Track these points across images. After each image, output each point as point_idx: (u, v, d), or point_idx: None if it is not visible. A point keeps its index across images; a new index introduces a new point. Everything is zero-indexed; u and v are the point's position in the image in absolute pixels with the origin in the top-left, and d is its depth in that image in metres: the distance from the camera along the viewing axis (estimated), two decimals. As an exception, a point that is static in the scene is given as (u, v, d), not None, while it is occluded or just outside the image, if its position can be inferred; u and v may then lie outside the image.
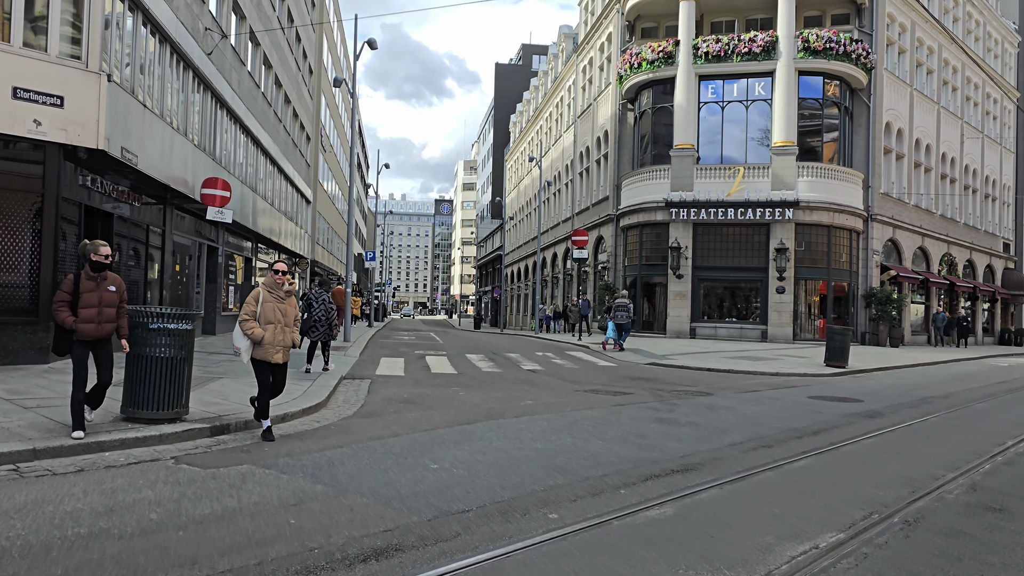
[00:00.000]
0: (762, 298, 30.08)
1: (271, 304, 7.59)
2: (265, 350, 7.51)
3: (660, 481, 6.64)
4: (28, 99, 10.66)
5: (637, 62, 32.53)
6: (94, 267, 7.09)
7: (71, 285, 7.00)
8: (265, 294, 7.62)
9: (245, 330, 7.43)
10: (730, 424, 9.92)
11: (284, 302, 7.72)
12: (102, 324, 7.05)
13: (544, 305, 40.13)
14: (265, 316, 7.52)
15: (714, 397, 12.87)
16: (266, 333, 7.47)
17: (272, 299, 7.62)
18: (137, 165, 13.05)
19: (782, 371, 17.87)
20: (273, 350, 7.55)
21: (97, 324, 7.01)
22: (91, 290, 7.00)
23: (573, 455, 7.56)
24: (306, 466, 6.60)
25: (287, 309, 7.74)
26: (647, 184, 31.97)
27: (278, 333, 7.57)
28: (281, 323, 7.61)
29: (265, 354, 7.52)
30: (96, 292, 7.03)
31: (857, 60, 30.13)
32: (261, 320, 7.51)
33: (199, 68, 17.31)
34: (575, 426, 9.33)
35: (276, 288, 7.71)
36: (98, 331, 7.04)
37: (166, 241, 17.28)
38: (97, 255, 7.08)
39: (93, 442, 6.66)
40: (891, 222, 32.95)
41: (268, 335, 7.48)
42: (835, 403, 12.52)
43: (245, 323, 7.45)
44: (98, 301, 7.03)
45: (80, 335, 6.95)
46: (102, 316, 7.05)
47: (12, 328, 11.06)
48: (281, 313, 7.63)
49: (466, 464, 6.95)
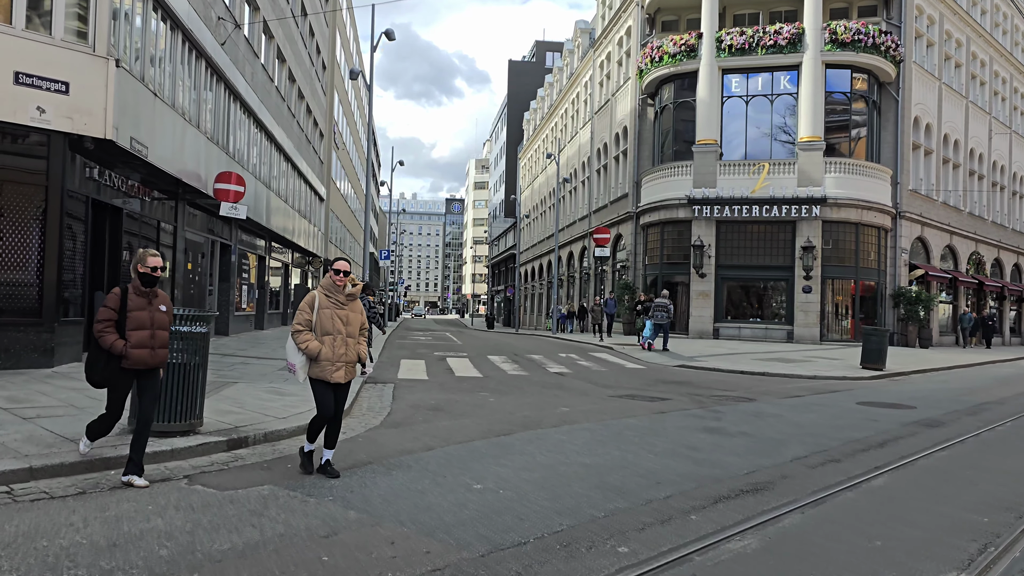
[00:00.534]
0: (788, 298, 29.22)
1: (329, 311, 6.24)
2: (323, 367, 6.16)
3: (731, 504, 5.90)
4: (31, 85, 9.98)
5: (658, 56, 31.71)
6: (144, 281, 5.88)
7: (118, 301, 5.79)
8: (322, 299, 6.27)
9: (298, 343, 6.14)
10: (785, 434, 9.17)
11: (346, 308, 6.33)
12: (156, 350, 5.89)
13: (560, 305, 39.33)
14: (322, 326, 6.19)
15: (757, 403, 12.11)
16: (323, 346, 6.16)
17: (330, 305, 6.26)
18: (147, 157, 12.38)
19: (819, 374, 17.10)
20: (332, 367, 6.17)
21: (151, 350, 5.84)
22: (141, 308, 5.83)
23: (626, 472, 6.83)
24: (335, 487, 5.89)
25: (350, 316, 6.33)
26: (668, 181, 31.16)
27: (338, 346, 6.21)
28: (342, 334, 6.24)
29: (323, 372, 6.16)
30: (148, 311, 5.86)
31: (886, 52, 29.22)
32: (318, 330, 6.19)
33: (212, 58, 16.64)
34: (620, 437, 8.60)
35: (335, 291, 6.32)
36: (152, 358, 5.86)
37: (177, 238, 16.63)
38: (145, 266, 5.85)
39: (97, 459, 5.96)
40: (919, 220, 32.02)
41: (326, 349, 6.16)
42: (887, 410, 11.74)
43: (298, 335, 6.17)
44: (150, 322, 5.86)
45: (131, 362, 5.74)
46: (155, 340, 5.88)
47: (14, 330, 10.39)
48: (342, 321, 6.26)
49: (512, 484, 6.22)
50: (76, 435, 6.57)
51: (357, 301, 6.42)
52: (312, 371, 6.20)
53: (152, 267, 5.86)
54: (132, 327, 5.75)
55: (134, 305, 5.81)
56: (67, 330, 11.25)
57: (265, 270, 26.85)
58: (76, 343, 11.60)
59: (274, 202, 24.57)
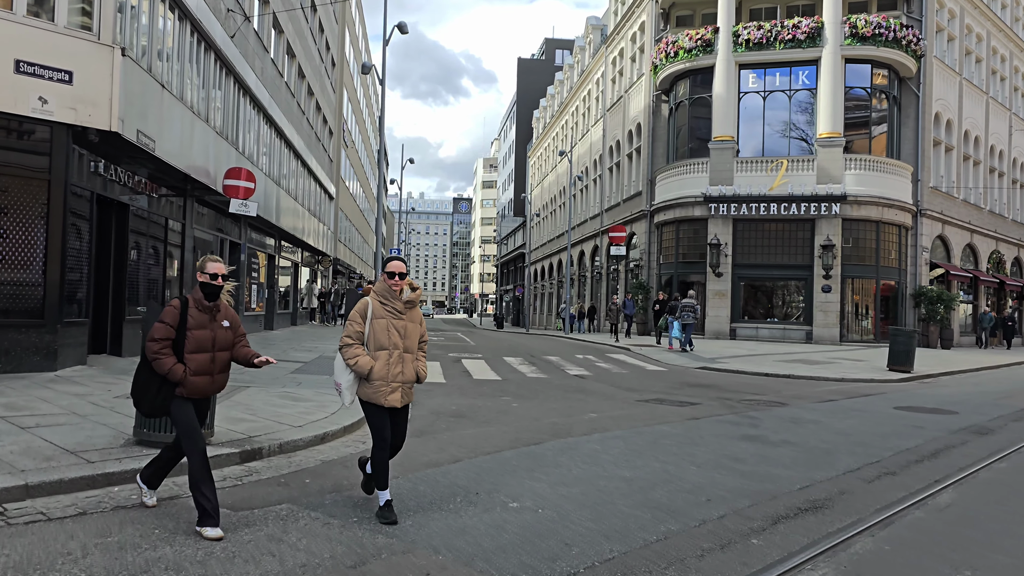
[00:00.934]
0: (806, 297, 28.60)
1: (384, 321, 5.17)
2: (375, 388, 5.10)
3: (792, 525, 5.38)
4: (32, 74, 9.48)
5: (673, 51, 31.11)
6: (208, 293, 4.89)
7: (177, 317, 4.80)
8: (376, 306, 5.20)
9: (347, 359, 5.10)
10: (830, 443, 8.62)
11: (403, 317, 5.25)
12: (216, 377, 4.97)
13: (568, 304, 38.69)
14: (376, 339, 5.14)
15: (791, 408, 11.56)
16: (376, 363, 5.09)
17: (386, 314, 5.19)
18: (154, 151, 11.88)
19: (846, 376, 16.55)
20: (387, 388, 5.12)
21: (211, 377, 4.91)
22: (202, 326, 4.86)
23: (671, 487, 6.30)
24: (359, 506, 5.38)
25: (408, 328, 5.25)
26: (684, 178, 30.57)
27: (394, 363, 5.14)
28: (399, 348, 5.17)
29: (375, 394, 5.11)
30: (210, 329, 4.89)
31: (907, 47, 28.56)
32: (371, 344, 5.15)
33: (222, 50, 16.15)
34: (656, 447, 8.07)
35: (391, 298, 5.23)
36: (211, 386, 4.95)
37: (186, 237, 16.15)
38: (204, 273, 4.88)
39: (99, 474, 5.46)
40: (940, 217, 31.35)
41: (379, 366, 5.09)
42: (929, 415, 11.17)
43: (347, 349, 5.12)
44: (212, 343, 4.88)
45: (188, 390, 4.79)
46: (216, 364, 4.93)
47: (15, 331, 9.90)
48: (399, 334, 5.19)
49: (550, 501, 5.70)
50: (77, 446, 6.09)
51: (416, 309, 5.40)
52: (362, 392, 5.15)
53: (212, 274, 4.85)
54: (191, 349, 4.79)
55: (195, 322, 4.83)
56: (70, 331, 10.75)
57: (275, 269, 26.38)
58: (80, 345, 11.11)
59: (284, 200, 24.09)
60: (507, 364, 17.39)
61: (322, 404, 9.15)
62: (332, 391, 10.43)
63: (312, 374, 12.52)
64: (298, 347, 18.40)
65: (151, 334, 4.77)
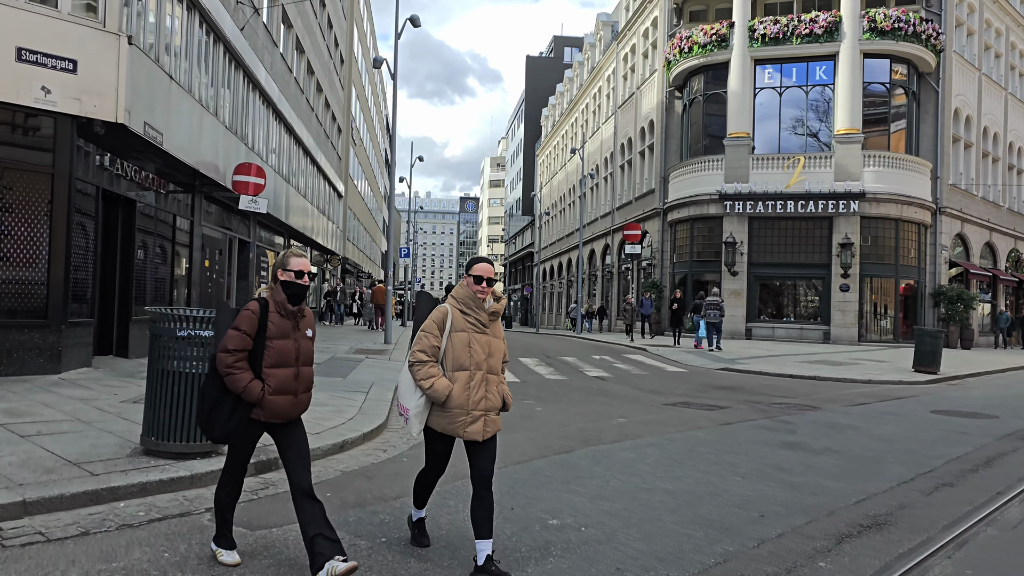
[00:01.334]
0: (824, 297, 28.05)
1: (465, 335, 4.21)
2: (451, 417, 4.13)
3: (858, 545, 4.93)
4: (35, 62, 9.06)
5: (687, 46, 30.60)
6: (292, 294, 4.06)
7: (254, 323, 3.96)
8: (456, 316, 4.24)
9: (419, 379, 4.14)
10: (874, 451, 8.15)
11: (487, 331, 4.29)
12: (300, 396, 4.11)
13: (578, 304, 38.15)
14: (455, 356, 4.18)
15: (825, 412, 11.08)
16: (455, 386, 4.14)
17: (467, 326, 4.23)
18: (162, 144, 11.44)
19: (873, 378, 16.04)
20: (466, 418, 4.13)
21: (294, 397, 4.05)
22: (285, 334, 4.03)
23: (719, 501, 5.85)
24: (386, 523, 4.93)
25: (492, 344, 4.29)
26: (698, 176, 30.07)
27: (475, 387, 4.17)
28: (482, 369, 4.21)
29: (451, 424, 4.13)
30: (292, 339, 4.06)
31: (927, 41, 27.99)
32: (448, 362, 4.18)
33: (231, 43, 15.71)
34: (693, 455, 7.60)
35: (474, 307, 4.27)
36: (294, 407, 4.08)
37: (194, 235, 15.73)
38: (287, 270, 4.04)
39: (104, 488, 5.03)
40: (960, 215, 30.76)
41: (458, 390, 4.13)
42: (969, 420, 10.69)
43: (421, 367, 4.15)
44: (295, 355, 4.07)
45: (268, 412, 3.95)
46: (301, 381, 4.09)
47: (17, 331, 9.46)
48: (483, 351, 4.23)
49: (593, 518, 5.25)
50: (80, 457, 5.65)
51: (499, 323, 4.42)
52: (434, 421, 4.18)
53: (297, 271, 4.04)
54: (271, 362, 3.96)
55: (276, 330, 3.99)
56: (75, 332, 10.32)
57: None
58: (85, 346, 10.68)
59: (293, 197, 23.67)
60: (523, 365, 16.94)
61: (339, 409, 8.71)
62: (348, 394, 10.00)
63: (324, 376, 12.08)
64: (308, 347, 17.96)
65: (223, 344, 3.91)
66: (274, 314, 4.01)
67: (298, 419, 4.15)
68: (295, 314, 4.09)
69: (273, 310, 4.01)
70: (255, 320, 3.95)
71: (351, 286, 42.43)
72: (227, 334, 3.95)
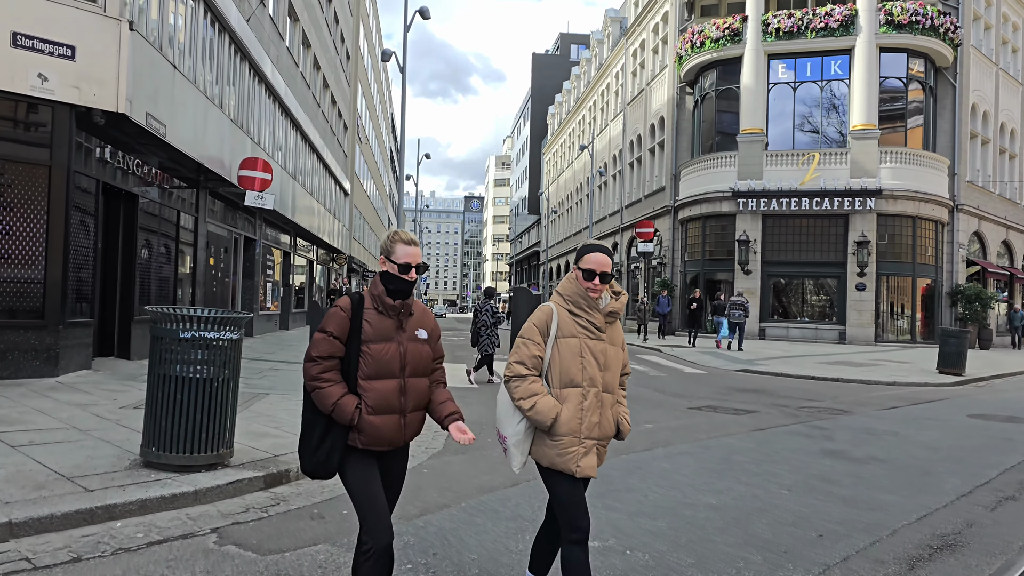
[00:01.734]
0: (839, 296, 27.51)
1: (576, 342, 3.27)
2: (561, 448, 3.19)
3: (933, 570, 4.46)
4: (31, 48, 8.59)
5: (699, 41, 30.06)
6: (395, 290, 3.18)
7: (346, 324, 3.13)
8: (563, 318, 3.31)
9: (518, 398, 3.21)
10: (921, 459, 7.66)
11: (604, 338, 3.34)
12: (408, 417, 3.20)
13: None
14: (564, 369, 3.24)
15: (858, 417, 10.58)
16: (564, 408, 3.21)
17: (578, 330, 3.29)
18: (165, 137, 10.97)
19: (898, 380, 15.54)
20: (579, 449, 3.21)
21: (399, 418, 3.15)
22: (385, 336, 3.15)
23: (769, 518, 5.36)
24: (410, 545, 4.45)
25: (609, 354, 3.34)
26: (710, 173, 29.53)
27: (589, 409, 3.23)
28: (597, 386, 3.26)
29: (562, 457, 3.19)
30: (396, 342, 3.17)
31: (945, 35, 27.43)
32: (555, 376, 3.25)
33: (237, 33, 15.24)
34: (731, 464, 7.11)
35: (587, 308, 3.31)
36: (400, 431, 3.16)
37: (199, 233, 15.26)
38: (395, 259, 3.19)
39: (99, 507, 4.55)
40: (977, 213, 30.17)
41: (568, 413, 3.20)
42: (1010, 425, 10.20)
43: (521, 383, 3.22)
44: (400, 363, 3.16)
45: (366, 437, 3.08)
46: (409, 397, 3.18)
47: (12, 332, 8.98)
48: (597, 362, 3.28)
49: (635, 538, 4.77)
50: (75, 470, 5.19)
51: (618, 325, 3.45)
52: (539, 452, 3.24)
53: (403, 264, 3.16)
54: (369, 373, 3.08)
55: (374, 331, 3.12)
56: (74, 332, 9.84)
57: (290, 267, 25.52)
58: (85, 347, 10.20)
59: (300, 194, 23.21)
60: (537, 366, 16.42)
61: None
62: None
63: (334, 378, 11.62)
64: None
65: (308, 350, 3.12)
66: (371, 311, 3.14)
67: (404, 447, 3.27)
68: (398, 310, 3.17)
69: (370, 306, 3.16)
70: (346, 320, 3.10)
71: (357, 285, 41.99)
72: (313, 338, 3.15)
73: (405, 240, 3.22)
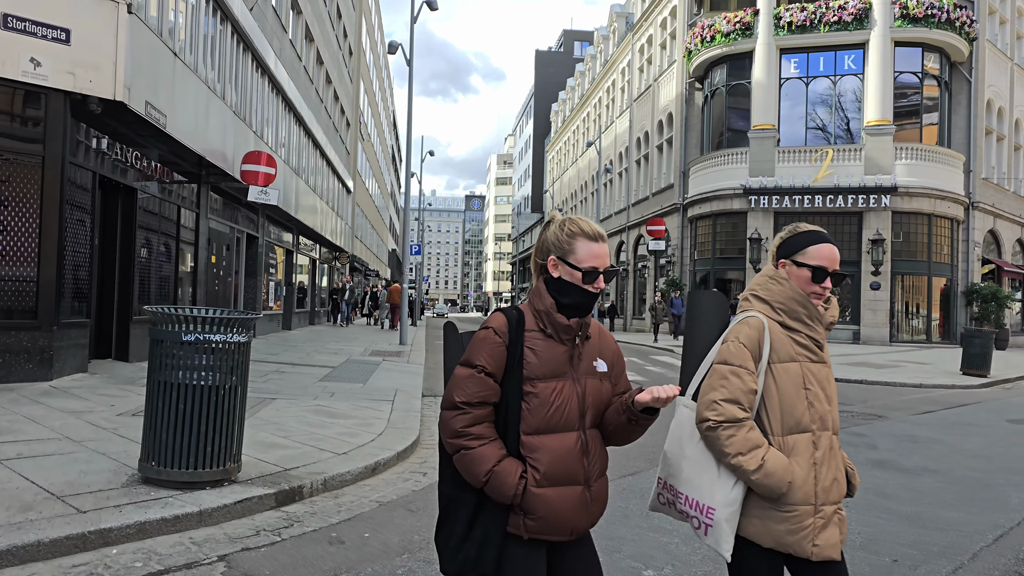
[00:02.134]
0: (853, 295, 26.97)
1: (796, 367, 2.33)
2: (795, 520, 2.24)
3: (1033, 605, 3.90)
4: (23, 31, 8.06)
5: (709, 35, 29.52)
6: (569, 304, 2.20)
7: (503, 353, 2.15)
8: (777, 335, 2.35)
9: (731, 452, 2.24)
10: (977, 470, 7.15)
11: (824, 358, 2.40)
12: (593, 485, 2.20)
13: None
14: (787, 406, 2.30)
15: (894, 422, 10.07)
16: (797, 464, 2.26)
17: (800, 351, 2.36)
18: (166, 127, 10.44)
19: (924, 382, 15.05)
20: (818, 520, 2.25)
21: (584, 488, 2.16)
22: (557, 371, 2.17)
23: (835, 540, 4.81)
24: (444, 579, 3.91)
25: (829, 378, 2.41)
26: (720, 169, 29.00)
27: (824, 462, 2.29)
28: (828, 428, 2.34)
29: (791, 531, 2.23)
30: (571, 379, 2.19)
31: (960, 29, 26.89)
32: (773, 415, 2.31)
33: (240, 23, 14.72)
34: (777, 476, 6.57)
35: (807, 318, 2.37)
36: (584, 510, 2.16)
37: (200, 228, 14.73)
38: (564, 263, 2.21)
39: (92, 531, 4.03)
40: (992, 211, 29.63)
41: (801, 470, 2.26)
42: (1056, 431, 9.69)
43: (736, 431, 2.24)
44: (579, 408, 2.18)
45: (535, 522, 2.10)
46: (592, 456, 2.21)
47: (4, 334, 8.38)
48: (825, 393, 2.36)
49: (694, 566, 4.27)
50: (66, 487, 4.66)
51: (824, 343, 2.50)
52: (758, 527, 2.27)
53: (589, 269, 2.18)
54: (537, 425, 2.14)
55: (542, 364, 2.17)
56: (69, 333, 9.30)
57: (293, 265, 25.00)
58: (81, 348, 9.66)
59: (303, 191, 22.69)
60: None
61: (365, 421, 7.71)
62: (372, 403, 8.93)
63: (343, 381, 11.11)
64: (321, 349, 16.98)
65: (447, 393, 2.19)
66: (535, 335, 2.19)
67: (586, 536, 2.27)
68: (574, 333, 2.20)
69: (533, 327, 2.20)
70: (503, 349, 2.15)
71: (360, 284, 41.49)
72: (453, 374, 2.21)
73: (590, 234, 2.20)
